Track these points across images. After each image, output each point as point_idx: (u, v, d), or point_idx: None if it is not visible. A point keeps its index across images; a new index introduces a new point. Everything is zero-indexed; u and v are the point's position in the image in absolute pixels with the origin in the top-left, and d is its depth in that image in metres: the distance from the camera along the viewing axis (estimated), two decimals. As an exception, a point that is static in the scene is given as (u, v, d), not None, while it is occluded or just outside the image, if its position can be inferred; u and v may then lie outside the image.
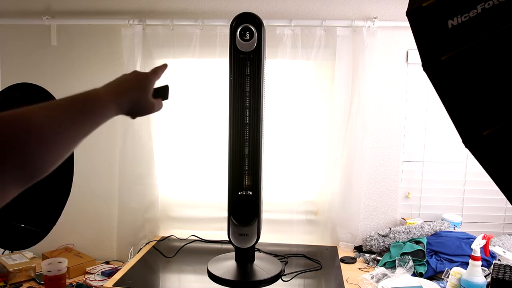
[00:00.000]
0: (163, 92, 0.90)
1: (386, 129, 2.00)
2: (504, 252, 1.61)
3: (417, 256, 1.71)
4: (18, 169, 0.52)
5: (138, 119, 2.17)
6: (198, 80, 1.96)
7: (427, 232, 1.84)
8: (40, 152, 0.54)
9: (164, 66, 0.91)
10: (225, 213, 1.59)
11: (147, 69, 2.15)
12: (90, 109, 0.66)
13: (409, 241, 1.81)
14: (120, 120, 2.00)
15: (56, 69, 2.08)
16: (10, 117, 0.53)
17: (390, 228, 1.93)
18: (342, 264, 1.80)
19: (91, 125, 0.65)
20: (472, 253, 1.46)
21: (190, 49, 1.94)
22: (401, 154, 2.01)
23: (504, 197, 0.73)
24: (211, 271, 1.57)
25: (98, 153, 2.09)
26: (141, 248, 1.94)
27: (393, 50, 1.95)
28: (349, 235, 1.99)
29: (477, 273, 1.45)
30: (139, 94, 0.81)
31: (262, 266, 1.62)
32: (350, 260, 1.85)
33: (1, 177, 0.50)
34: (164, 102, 0.90)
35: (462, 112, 0.73)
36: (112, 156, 2.06)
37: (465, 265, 1.60)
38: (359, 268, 1.78)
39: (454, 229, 1.90)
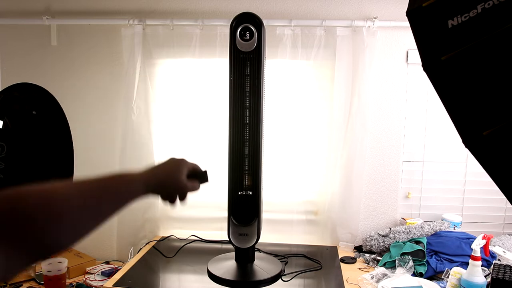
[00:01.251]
0: (202, 176, 0.93)
1: (386, 129, 2.00)
2: (504, 252, 1.61)
3: (417, 256, 1.71)
4: (34, 244, 0.49)
5: (138, 118, 2.16)
6: (198, 80, 1.96)
7: (427, 232, 1.84)
8: (60, 229, 0.51)
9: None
10: (225, 213, 1.59)
11: (147, 69, 2.15)
12: (121, 192, 0.66)
13: (409, 241, 1.81)
14: (120, 120, 2.00)
15: (56, 69, 2.08)
16: (36, 193, 0.51)
17: (390, 228, 1.93)
18: (342, 264, 1.80)
19: (116, 209, 0.64)
20: (472, 253, 1.46)
21: (190, 49, 1.94)
22: (401, 154, 2.01)
23: (504, 197, 0.73)
24: (211, 271, 1.56)
25: (98, 153, 2.09)
26: (141, 248, 1.94)
27: (393, 50, 1.95)
28: (349, 235, 1.99)
29: (477, 273, 1.45)
30: (173, 179, 0.81)
31: (262, 266, 1.62)
32: (350, 260, 1.85)
33: (13, 252, 0.46)
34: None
35: (462, 112, 0.73)
36: (112, 156, 2.06)
37: (465, 265, 1.60)
38: (359, 268, 1.78)
39: (454, 229, 1.90)
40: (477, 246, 1.50)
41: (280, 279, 1.58)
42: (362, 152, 1.93)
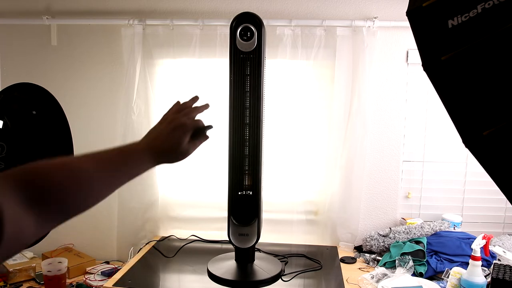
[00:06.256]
0: (202, 134, 0.93)
1: (386, 129, 2.00)
2: (504, 252, 1.61)
3: (417, 256, 1.71)
4: (60, 208, 0.58)
5: (138, 118, 2.16)
6: (198, 80, 1.96)
7: (427, 232, 1.84)
8: (81, 195, 0.61)
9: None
10: (225, 213, 1.59)
11: (147, 69, 2.14)
12: (132, 164, 0.73)
13: (409, 241, 1.81)
14: (120, 120, 2.00)
15: (56, 69, 2.08)
16: (61, 164, 0.60)
17: (390, 228, 1.93)
18: (342, 264, 1.80)
19: (129, 177, 0.72)
20: (472, 253, 1.46)
21: (190, 49, 1.94)
22: (401, 154, 2.01)
23: (504, 197, 0.73)
24: (211, 271, 1.57)
25: (98, 153, 2.09)
26: (141, 248, 1.94)
27: (393, 50, 1.95)
28: (349, 235, 1.99)
29: (477, 273, 1.45)
30: (176, 151, 0.84)
31: (262, 266, 1.62)
32: (350, 260, 1.85)
33: (43, 214, 0.55)
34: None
35: (462, 112, 0.73)
36: (112, 156, 2.05)
37: (465, 265, 1.60)
38: (359, 268, 1.78)
39: (454, 229, 1.90)
40: (477, 246, 1.50)
41: (280, 279, 1.58)
42: (362, 152, 1.93)
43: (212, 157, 1.99)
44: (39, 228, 0.54)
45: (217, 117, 1.94)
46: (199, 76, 1.96)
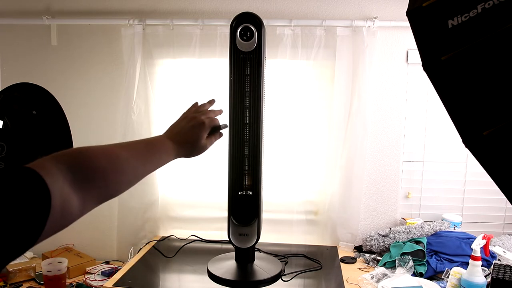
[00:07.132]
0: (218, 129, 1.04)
1: (386, 129, 2.00)
2: (504, 252, 1.61)
3: (417, 256, 1.71)
4: (101, 190, 0.63)
5: (138, 118, 2.16)
6: (198, 80, 1.96)
7: (427, 232, 1.84)
8: (118, 180, 0.67)
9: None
10: (225, 213, 1.59)
11: (147, 69, 2.13)
12: (158, 155, 0.81)
13: (409, 241, 1.81)
14: (120, 120, 2.00)
15: (56, 69, 2.08)
16: (102, 151, 0.67)
17: (390, 228, 1.93)
18: (342, 264, 1.80)
19: (156, 167, 0.80)
20: (472, 253, 1.46)
21: (190, 49, 1.94)
22: (401, 154, 2.01)
23: (504, 197, 0.73)
24: (211, 271, 1.56)
25: (98, 153, 2.09)
26: (141, 248, 1.94)
27: (393, 50, 1.95)
28: (349, 235, 1.99)
29: (477, 273, 1.45)
30: (195, 146, 0.94)
31: (262, 266, 1.62)
32: (350, 260, 1.85)
33: (87, 195, 0.60)
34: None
35: (462, 112, 0.73)
36: (112, 156, 2.05)
37: (465, 265, 1.60)
38: (359, 268, 1.78)
39: (454, 229, 1.90)
40: (477, 246, 1.50)
41: (280, 279, 1.58)
42: (362, 152, 1.93)
43: (212, 157, 1.98)
44: (81, 209, 0.59)
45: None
46: (199, 76, 1.96)
